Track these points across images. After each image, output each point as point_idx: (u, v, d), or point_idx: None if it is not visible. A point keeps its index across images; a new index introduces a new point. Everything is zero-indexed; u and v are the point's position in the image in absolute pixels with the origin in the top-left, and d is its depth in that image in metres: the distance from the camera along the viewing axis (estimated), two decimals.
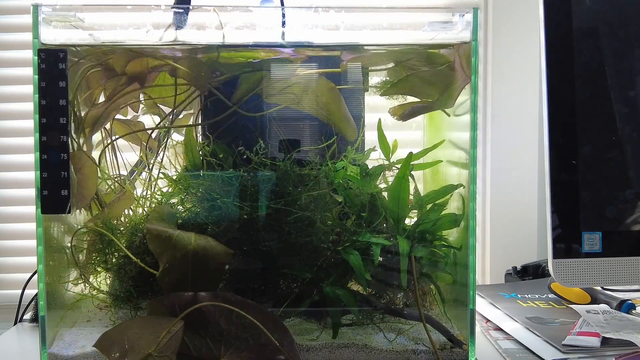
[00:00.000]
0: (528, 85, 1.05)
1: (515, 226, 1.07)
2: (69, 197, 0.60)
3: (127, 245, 0.67)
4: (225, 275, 0.66)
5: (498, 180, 1.07)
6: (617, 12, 0.66)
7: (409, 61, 0.70)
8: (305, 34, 0.66)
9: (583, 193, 0.64)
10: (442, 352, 0.63)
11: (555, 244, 0.64)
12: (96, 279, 0.69)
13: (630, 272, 0.64)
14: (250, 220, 0.66)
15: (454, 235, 0.70)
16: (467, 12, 0.62)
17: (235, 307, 0.58)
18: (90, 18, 0.63)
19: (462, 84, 0.65)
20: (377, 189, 0.68)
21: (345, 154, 0.70)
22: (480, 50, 1.04)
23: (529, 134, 1.06)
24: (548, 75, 0.64)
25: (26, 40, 1.05)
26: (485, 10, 1.08)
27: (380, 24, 0.66)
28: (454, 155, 0.70)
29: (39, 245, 0.61)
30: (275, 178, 0.66)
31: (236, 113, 0.69)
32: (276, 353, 0.57)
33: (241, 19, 0.64)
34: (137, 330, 0.58)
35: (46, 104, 0.60)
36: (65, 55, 0.60)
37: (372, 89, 0.75)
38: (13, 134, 1.07)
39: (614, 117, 0.65)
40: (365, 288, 0.67)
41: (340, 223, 0.67)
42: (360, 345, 0.64)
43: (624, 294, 0.83)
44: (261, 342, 0.58)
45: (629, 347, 0.64)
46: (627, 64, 0.66)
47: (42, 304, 0.62)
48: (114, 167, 0.74)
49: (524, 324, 0.72)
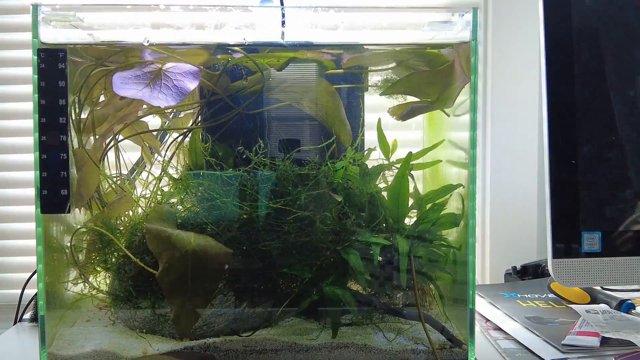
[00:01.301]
0: (528, 85, 1.05)
1: (515, 226, 1.07)
2: (68, 196, 0.60)
3: (126, 245, 0.67)
4: (225, 275, 0.66)
5: (498, 180, 1.07)
6: (617, 12, 0.66)
7: (408, 61, 0.70)
8: (305, 34, 0.66)
9: (583, 193, 0.64)
10: (441, 352, 0.63)
11: (554, 243, 0.64)
12: (95, 279, 0.69)
13: (630, 272, 0.64)
14: (250, 220, 0.66)
15: (453, 235, 0.70)
16: (467, 12, 0.62)
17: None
18: (90, 18, 0.63)
19: (462, 83, 0.65)
20: (376, 189, 0.69)
21: (345, 154, 0.70)
22: (480, 50, 1.04)
23: (529, 134, 1.06)
24: (548, 75, 0.64)
25: (26, 39, 1.05)
26: (485, 10, 1.07)
27: (380, 23, 0.66)
28: (453, 155, 0.70)
29: (39, 245, 0.61)
30: (275, 178, 0.66)
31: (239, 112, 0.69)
32: None
33: (241, 18, 0.64)
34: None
35: (46, 103, 0.60)
36: (65, 54, 0.60)
37: (371, 89, 0.75)
38: (13, 134, 1.07)
39: (613, 117, 0.65)
40: (365, 288, 0.67)
41: (340, 223, 0.67)
42: (360, 345, 0.64)
43: (623, 293, 0.83)
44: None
45: (629, 347, 0.64)
46: (627, 64, 0.66)
47: (42, 304, 0.62)
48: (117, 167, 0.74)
49: (524, 323, 0.72)
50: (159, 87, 0.62)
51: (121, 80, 0.62)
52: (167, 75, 0.63)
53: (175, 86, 0.62)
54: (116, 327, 0.68)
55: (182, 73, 0.63)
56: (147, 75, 0.63)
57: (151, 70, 0.63)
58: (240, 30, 0.65)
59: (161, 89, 0.61)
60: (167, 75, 0.63)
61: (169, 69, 0.64)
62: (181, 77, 0.63)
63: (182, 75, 0.63)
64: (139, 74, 0.63)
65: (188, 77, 0.63)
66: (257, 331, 0.66)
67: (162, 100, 0.61)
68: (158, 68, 0.63)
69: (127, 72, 0.63)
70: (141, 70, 0.63)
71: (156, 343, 0.64)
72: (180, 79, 0.63)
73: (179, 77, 0.63)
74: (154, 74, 0.63)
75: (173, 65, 0.64)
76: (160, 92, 0.61)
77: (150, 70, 0.63)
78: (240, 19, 0.64)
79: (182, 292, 0.61)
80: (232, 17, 0.64)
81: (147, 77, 0.62)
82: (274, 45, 0.67)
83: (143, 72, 0.63)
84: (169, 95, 0.61)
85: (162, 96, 0.61)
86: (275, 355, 0.63)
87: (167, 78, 0.63)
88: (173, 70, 0.64)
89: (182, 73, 0.63)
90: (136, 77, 0.62)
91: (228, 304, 0.66)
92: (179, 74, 0.63)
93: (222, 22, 0.64)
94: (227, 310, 0.65)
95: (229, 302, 0.66)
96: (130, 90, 0.61)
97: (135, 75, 0.62)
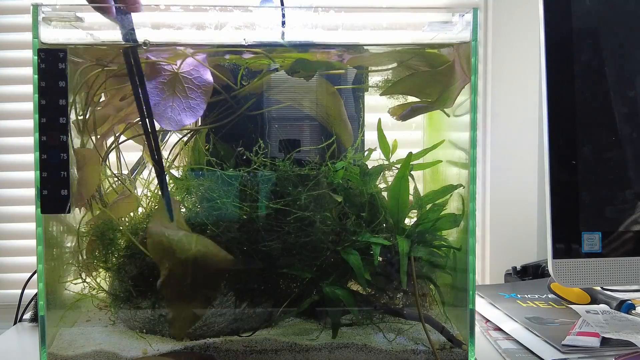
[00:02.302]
0: (528, 85, 1.05)
1: (515, 226, 1.07)
2: (68, 196, 0.60)
3: (127, 244, 0.67)
4: (225, 276, 0.66)
5: (498, 180, 1.07)
6: (617, 12, 0.66)
7: (409, 61, 0.70)
8: (305, 34, 0.66)
9: (583, 193, 0.64)
10: (441, 352, 0.63)
11: (555, 244, 0.64)
12: (95, 279, 0.69)
13: (630, 272, 0.64)
14: (251, 220, 0.66)
15: (453, 235, 0.70)
16: (467, 12, 0.62)
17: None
18: (90, 18, 0.63)
19: (462, 84, 0.65)
20: (376, 189, 0.69)
21: (345, 154, 0.70)
22: (480, 50, 1.04)
23: (529, 134, 1.06)
24: (548, 75, 0.64)
25: (26, 40, 1.05)
26: (485, 10, 1.08)
27: (380, 24, 0.66)
28: (453, 155, 0.70)
29: (39, 245, 0.61)
30: (275, 178, 0.66)
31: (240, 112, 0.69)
32: None
33: (241, 18, 0.64)
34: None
35: (46, 103, 0.60)
36: (65, 55, 0.60)
37: (371, 89, 0.75)
38: (13, 134, 1.07)
39: (613, 117, 0.65)
40: (365, 288, 0.67)
41: (340, 223, 0.67)
42: (360, 345, 0.64)
43: (623, 294, 0.83)
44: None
45: (629, 347, 0.64)
46: (627, 64, 0.66)
47: (42, 304, 0.62)
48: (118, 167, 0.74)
49: (524, 324, 0.72)
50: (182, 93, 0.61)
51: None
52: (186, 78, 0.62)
53: (197, 85, 0.62)
54: (116, 328, 0.68)
55: (196, 70, 0.63)
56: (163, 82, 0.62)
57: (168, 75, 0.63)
58: (241, 30, 0.65)
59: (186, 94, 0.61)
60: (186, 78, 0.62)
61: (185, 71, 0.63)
62: (197, 74, 0.62)
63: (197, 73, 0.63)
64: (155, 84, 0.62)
65: (204, 74, 0.63)
66: (257, 331, 0.66)
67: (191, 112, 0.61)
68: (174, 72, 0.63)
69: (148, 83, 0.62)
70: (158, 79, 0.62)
71: (156, 343, 0.64)
72: (197, 76, 0.62)
73: (195, 74, 0.63)
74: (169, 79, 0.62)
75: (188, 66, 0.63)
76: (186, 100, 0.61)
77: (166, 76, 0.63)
78: (240, 19, 0.64)
79: (182, 297, 0.61)
80: (233, 17, 0.64)
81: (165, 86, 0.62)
82: (274, 45, 0.67)
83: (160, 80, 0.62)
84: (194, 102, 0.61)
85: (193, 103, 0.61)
86: (275, 355, 0.63)
87: (186, 80, 0.62)
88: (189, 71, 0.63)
89: (197, 69, 0.63)
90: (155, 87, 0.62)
91: (228, 304, 0.66)
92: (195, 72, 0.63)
93: (222, 22, 0.64)
94: (227, 311, 0.65)
95: (229, 302, 0.66)
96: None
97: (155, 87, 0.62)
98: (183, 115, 0.61)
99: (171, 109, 0.61)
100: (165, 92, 0.62)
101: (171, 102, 0.61)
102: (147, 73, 0.63)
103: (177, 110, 0.61)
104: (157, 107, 0.61)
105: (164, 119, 0.61)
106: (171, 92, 0.62)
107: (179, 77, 0.63)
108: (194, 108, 0.61)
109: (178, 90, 0.62)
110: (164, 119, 0.61)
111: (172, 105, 0.61)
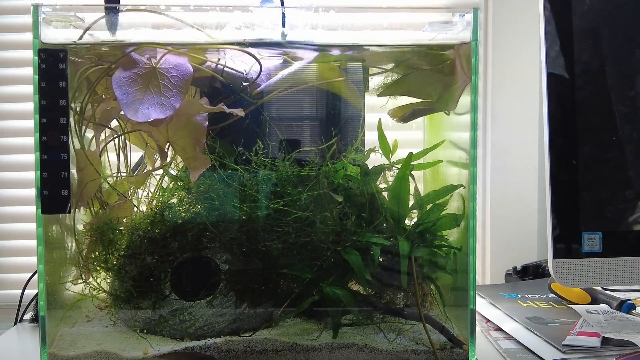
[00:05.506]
0: (528, 85, 1.05)
1: (515, 226, 1.07)
2: (69, 197, 0.60)
3: (127, 244, 0.67)
4: (226, 276, 0.66)
5: (498, 180, 1.07)
6: (617, 11, 0.66)
7: (409, 61, 0.70)
8: (305, 34, 0.66)
9: (583, 193, 0.64)
10: (442, 352, 0.63)
11: (555, 244, 0.64)
12: (95, 280, 0.69)
13: (631, 272, 0.64)
14: (251, 220, 0.66)
15: (454, 235, 0.70)
16: (467, 12, 0.62)
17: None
18: (90, 18, 0.63)
19: (462, 84, 0.65)
20: (377, 189, 0.69)
21: (346, 154, 0.70)
22: (480, 50, 1.04)
23: (529, 134, 1.06)
24: (548, 75, 0.64)
25: (26, 40, 1.05)
26: (485, 10, 1.07)
27: (380, 24, 0.66)
28: (454, 155, 0.70)
29: (39, 245, 0.61)
30: (275, 178, 0.66)
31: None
32: None
33: (241, 18, 0.64)
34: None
35: (46, 104, 0.60)
36: (66, 55, 0.60)
37: (372, 89, 0.75)
38: (13, 134, 1.07)
39: (614, 117, 0.65)
40: (365, 288, 0.67)
41: (340, 223, 0.67)
42: (361, 345, 0.64)
43: (624, 294, 0.83)
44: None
45: (629, 347, 0.64)
46: (627, 64, 0.66)
47: (42, 304, 0.62)
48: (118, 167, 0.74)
49: (524, 324, 0.72)
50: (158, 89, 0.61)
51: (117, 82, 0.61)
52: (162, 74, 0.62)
53: (172, 84, 0.62)
54: (117, 328, 0.68)
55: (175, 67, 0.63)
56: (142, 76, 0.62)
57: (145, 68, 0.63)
58: (241, 30, 0.65)
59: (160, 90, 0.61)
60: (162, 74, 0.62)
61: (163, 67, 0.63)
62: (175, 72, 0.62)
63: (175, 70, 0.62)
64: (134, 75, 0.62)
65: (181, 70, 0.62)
66: (258, 331, 0.66)
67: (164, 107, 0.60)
68: (152, 67, 0.63)
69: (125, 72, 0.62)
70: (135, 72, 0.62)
71: (157, 343, 0.64)
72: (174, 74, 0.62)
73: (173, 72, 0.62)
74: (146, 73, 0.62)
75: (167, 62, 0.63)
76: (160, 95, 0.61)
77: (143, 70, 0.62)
78: (241, 19, 0.64)
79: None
80: (233, 17, 0.64)
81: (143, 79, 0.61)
82: (275, 45, 0.67)
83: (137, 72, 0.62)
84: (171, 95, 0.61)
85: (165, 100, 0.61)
86: (276, 355, 0.63)
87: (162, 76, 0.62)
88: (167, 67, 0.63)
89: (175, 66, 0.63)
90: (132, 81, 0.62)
91: (229, 305, 0.66)
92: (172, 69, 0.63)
93: (222, 22, 0.64)
94: (227, 311, 0.66)
95: (229, 302, 0.66)
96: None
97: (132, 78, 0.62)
98: (152, 110, 0.60)
99: (140, 101, 0.61)
100: (138, 84, 0.62)
101: (142, 94, 0.61)
102: (124, 62, 0.63)
103: (147, 104, 0.61)
104: (126, 97, 0.61)
105: (130, 109, 0.60)
106: (144, 85, 0.62)
107: (156, 72, 0.63)
108: (165, 105, 0.61)
109: (152, 85, 0.62)
110: (130, 109, 0.60)
111: (141, 98, 0.61)
